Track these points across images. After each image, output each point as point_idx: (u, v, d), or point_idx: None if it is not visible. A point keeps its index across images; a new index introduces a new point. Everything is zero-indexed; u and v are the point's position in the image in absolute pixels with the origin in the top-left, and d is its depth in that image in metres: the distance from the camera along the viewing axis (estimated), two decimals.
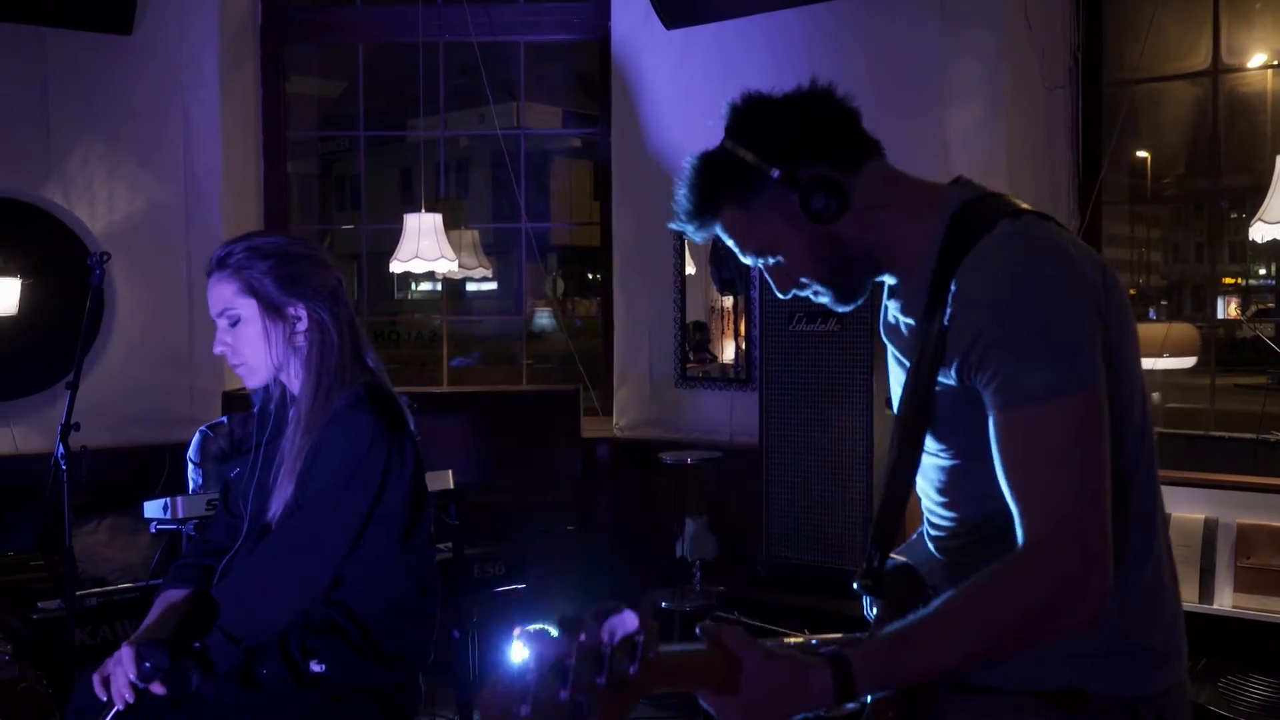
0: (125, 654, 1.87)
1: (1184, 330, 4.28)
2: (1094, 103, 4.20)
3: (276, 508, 2.01)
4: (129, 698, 1.86)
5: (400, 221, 4.67)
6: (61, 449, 2.63)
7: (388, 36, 5.44)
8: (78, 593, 2.91)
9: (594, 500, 4.85)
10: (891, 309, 1.54)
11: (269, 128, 5.23)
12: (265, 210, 5.26)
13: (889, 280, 1.51)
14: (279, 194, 5.31)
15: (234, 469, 2.19)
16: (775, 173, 1.41)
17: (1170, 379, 4.49)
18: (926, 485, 1.50)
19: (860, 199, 1.43)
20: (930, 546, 1.52)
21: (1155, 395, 4.58)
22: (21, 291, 4.43)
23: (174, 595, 2.06)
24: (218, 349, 2.07)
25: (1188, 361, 4.24)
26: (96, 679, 1.89)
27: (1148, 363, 4.26)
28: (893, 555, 1.49)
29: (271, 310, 2.04)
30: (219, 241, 4.86)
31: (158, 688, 1.87)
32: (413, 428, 2.14)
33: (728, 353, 4.76)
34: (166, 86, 4.84)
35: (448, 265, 4.76)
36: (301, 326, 2.06)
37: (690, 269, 4.83)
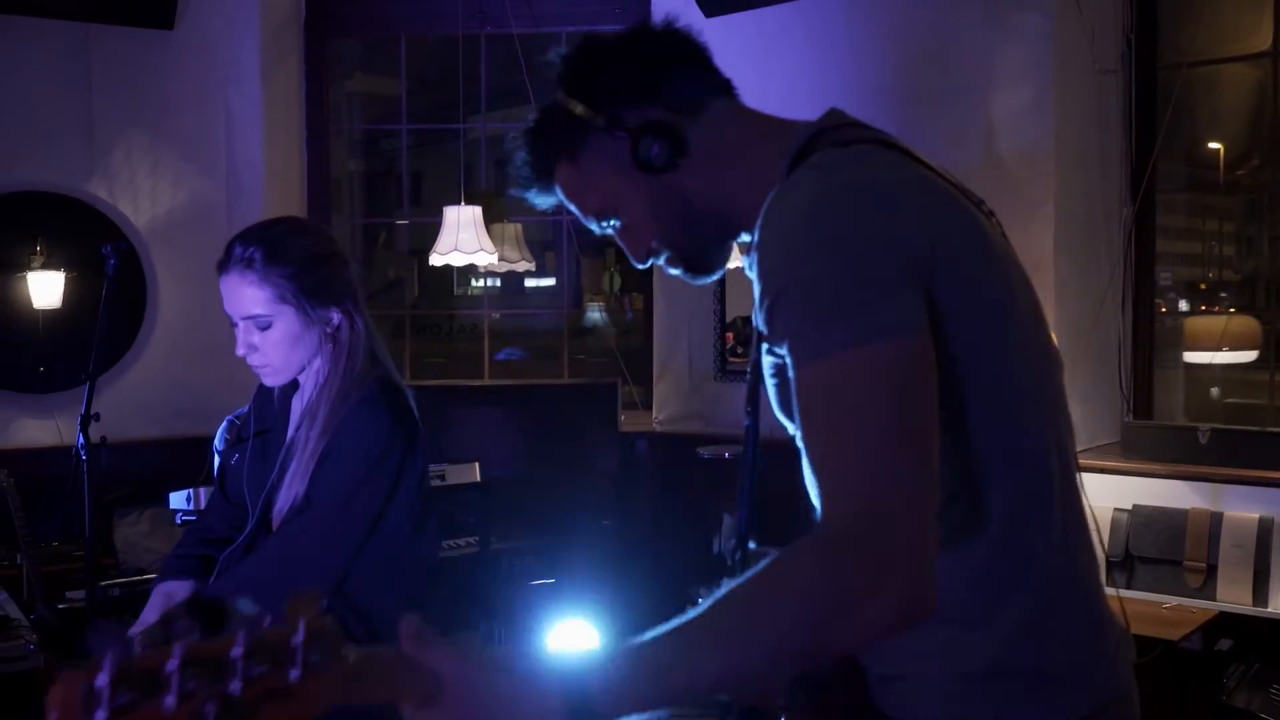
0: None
1: (1244, 323, 4.12)
2: (1148, 87, 4.06)
3: (284, 504, 1.97)
4: None
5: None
6: (81, 439, 2.62)
7: (429, 29, 5.42)
8: (103, 583, 2.91)
9: (632, 494, 4.80)
10: (748, 272, 1.29)
11: (312, 121, 5.25)
12: (308, 204, 5.27)
13: (745, 238, 1.30)
14: (322, 188, 5.33)
15: (234, 456, 2.15)
16: (600, 120, 1.26)
17: (1230, 374, 4.33)
18: (805, 471, 1.26)
19: (701, 144, 1.26)
20: None
21: (1214, 390, 4.42)
22: (65, 285, 4.48)
23: (174, 588, 2.03)
24: (241, 351, 2.01)
25: (1248, 355, 4.09)
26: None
27: (1203, 356, 4.11)
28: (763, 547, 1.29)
29: (307, 316, 1.98)
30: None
31: None
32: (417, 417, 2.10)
33: None
34: (208, 80, 4.87)
35: (487, 258, 4.73)
36: (335, 322, 2.01)
37: (734, 262, 4.75)
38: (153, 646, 0.75)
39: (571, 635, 4.23)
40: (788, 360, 1.08)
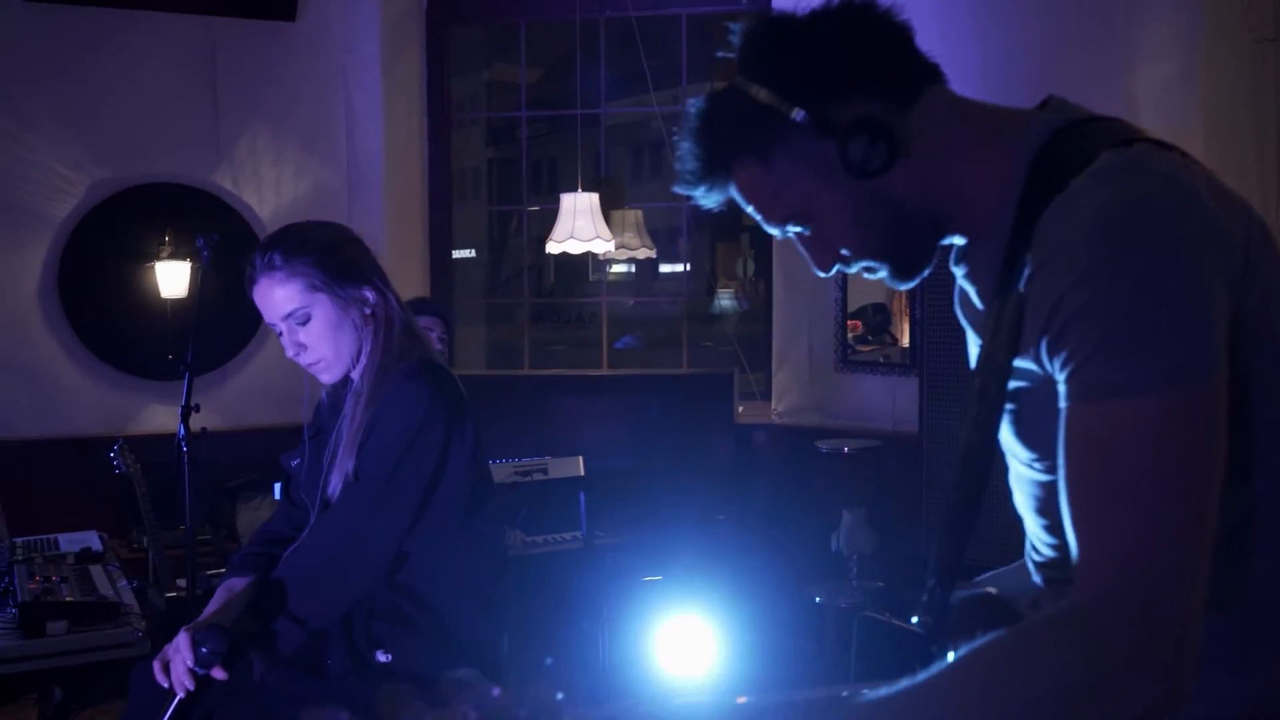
0: (182, 641, 1.83)
1: None
2: None
3: (336, 483, 1.96)
4: (189, 685, 1.82)
5: None
6: (183, 431, 2.64)
7: (548, 14, 5.37)
8: (209, 572, 2.94)
9: (749, 488, 4.67)
10: (960, 278, 1.19)
11: (433, 110, 5.26)
12: (429, 194, 5.29)
13: (957, 241, 1.17)
14: (443, 177, 5.33)
15: (294, 459, 2.14)
16: (799, 114, 1.08)
17: None
18: (1024, 501, 1.17)
19: (916, 141, 1.09)
20: (1034, 572, 1.19)
21: None
22: (191, 275, 4.57)
23: (236, 583, 2.02)
24: (290, 352, 2.03)
25: None
26: (157, 665, 1.87)
27: None
28: (973, 583, 1.19)
29: (341, 298, 1.99)
30: (381, 223, 5.00)
31: (219, 673, 1.83)
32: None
33: (909, 336, 4.48)
34: (329, 71, 4.92)
35: (604, 245, 4.66)
36: (372, 300, 2.02)
37: None
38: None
39: (682, 631, 4.13)
40: (1061, 389, 0.96)
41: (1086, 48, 3.79)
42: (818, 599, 3.96)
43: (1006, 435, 1.12)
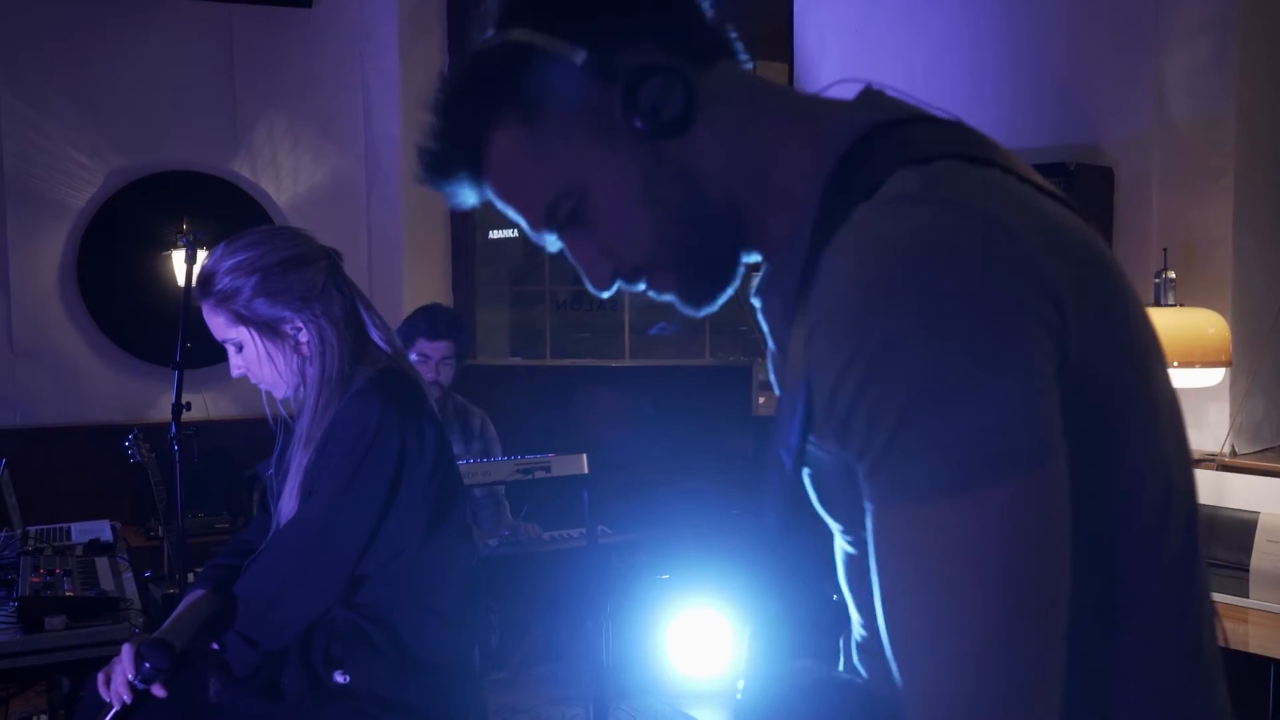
0: (125, 653, 1.81)
1: None
2: None
3: (287, 509, 1.92)
4: (126, 698, 1.79)
5: None
6: (174, 428, 2.62)
7: None
8: (198, 570, 2.92)
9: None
10: (759, 314, 0.97)
11: None
12: None
13: (754, 259, 0.95)
14: None
15: (269, 469, 2.10)
16: (580, 56, 0.88)
17: None
18: (840, 571, 1.00)
19: (715, 106, 0.89)
20: (854, 652, 1.03)
21: None
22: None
23: (199, 597, 1.99)
24: (235, 373, 2.00)
25: None
26: (100, 677, 1.84)
27: None
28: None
29: (267, 331, 1.93)
30: (400, 209, 4.97)
31: (158, 690, 1.79)
32: (434, 408, 2.00)
33: None
34: (346, 57, 4.89)
35: None
36: (303, 337, 1.95)
37: None
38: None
39: (693, 627, 4.09)
40: (863, 484, 0.78)
41: (1113, 30, 3.66)
42: (835, 597, 3.90)
43: (815, 502, 0.93)
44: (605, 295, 0.96)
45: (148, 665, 1.79)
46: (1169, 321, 3.11)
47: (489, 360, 5.51)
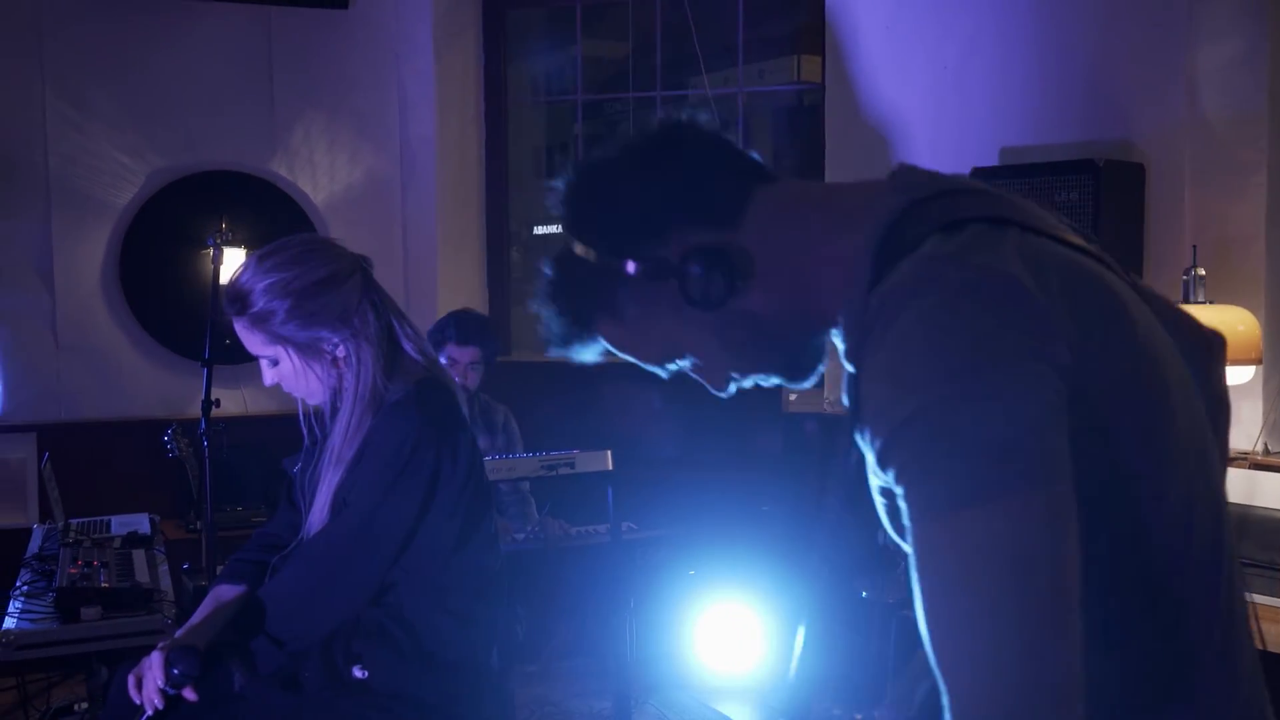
0: (155, 660, 1.85)
1: None
2: None
3: (317, 520, 1.95)
4: (158, 704, 1.84)
5: None
6: (204, 424, 2.68)
7: None
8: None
9: (797, 479, 4.61)
10: (839, 346, 1.13)
11: (490, 95, 5.26)
12: (486, 176, 5.30)
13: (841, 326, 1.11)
14: (499, 161, 5.33)
15: (297, 463, 2.14)
16: (630, 266, 1.07)
17: None
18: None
19: (757, 255, 1.06)
20: None
21: None
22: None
23: (225, 593, 2.04)
24: (268, 382, 2.04)
25: None
26: (131, 680, 1.88)
27: None
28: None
29: (304, 349, 1.97)
30: (434, 208, 5.02)
31: (190, 694, 1.84)
32: (466, 417, 2.02)
33: None
34: (382, 58, 4.95)
35: None
36: (340, 353, 1.98)
37: None
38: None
39: (720, 623, 4.11)
40: (901, 504, 0.90)
41: (1145, 25, 3.62)
42: (864, 593, 3.89)
43: (888, 529, 1.06)
44: (725, 395, 1.17)
45: (176, 671, 1.84)
46: (1198, 318, 3.08)
47: (523, 357, 5.55)
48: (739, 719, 4.02)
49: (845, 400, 1.08)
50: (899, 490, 0.89)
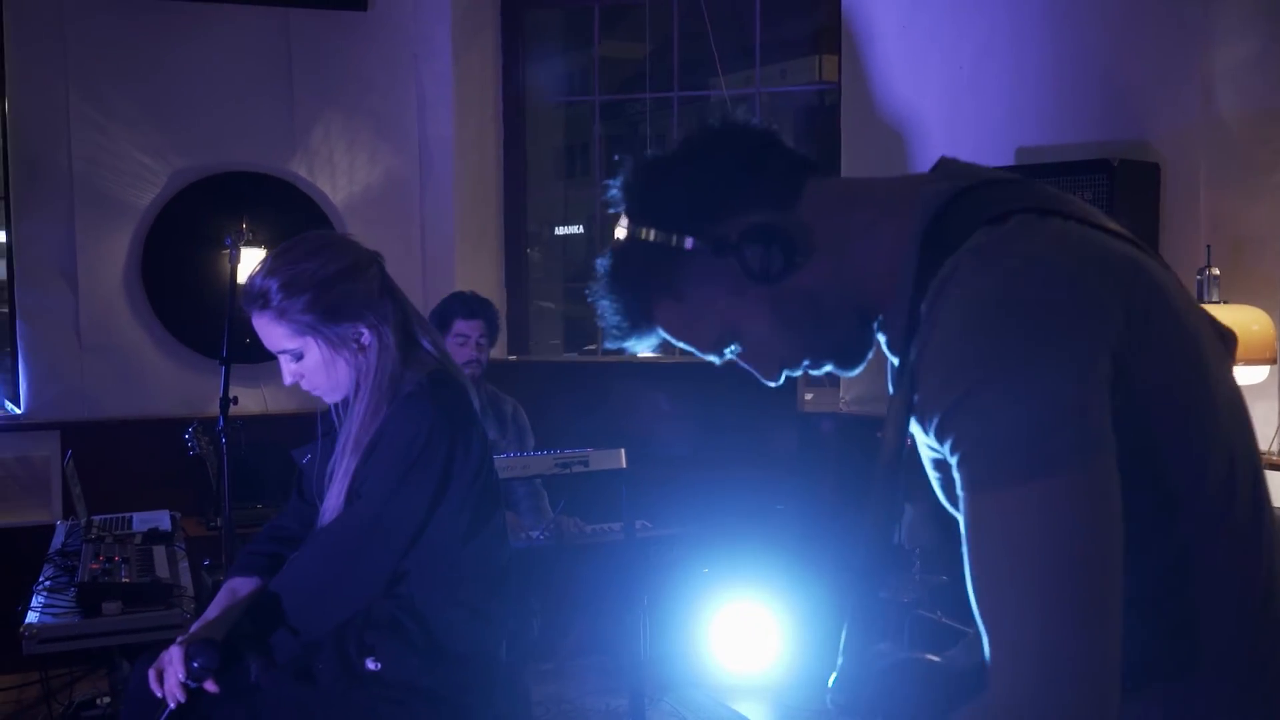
0: (175, 654, 1.88)
1: None
2: None
3: (335, 500, 1.98)
4: (180, 697, 1.87)
5: None
6: (221, 421, 2.71)
7: None
8: None
9: (812, 479, 4.62)
10: (885, 349, 1.20)
11: (509, 95, 5.29)
12: (505, 179, 5.33)
13: (881, 318, 1.18)
14: (517, 161, 5.36)
15: (305, 455, 2.17)
16: (689, 242, 1.12)
17: None
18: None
19: (813, 235, 1.12)
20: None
21: None
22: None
23: (240, 585, 2.07)
24: (288, 380, 2.05)
25: None
26: (152, 674, 1.91)
27: None
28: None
29: (331, 339, 1.99)
30: (452, 208, 5.05)
31: (211, 686, 1.87)
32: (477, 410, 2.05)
33: None
34: (400, 59, 4.99)
35: None
36: (365, 341, 2.01)
37: None
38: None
39: (738, 619, 4.12)
40: (955, 476, 0.98)
41: (1160, 24, 3.62)
42: (880, 594, 3.90)
43: (942, 499, 1.15)
44: (775, 385, 1.22)
45: (196, 665, 1.87)
46: None
47: (541, 357, 5.58)
48: (754, 717, 4.04)
49: (891, 389, 1.16)
50: (953, 460, 0.96)
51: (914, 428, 1.05)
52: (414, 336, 2.05)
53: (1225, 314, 3.09)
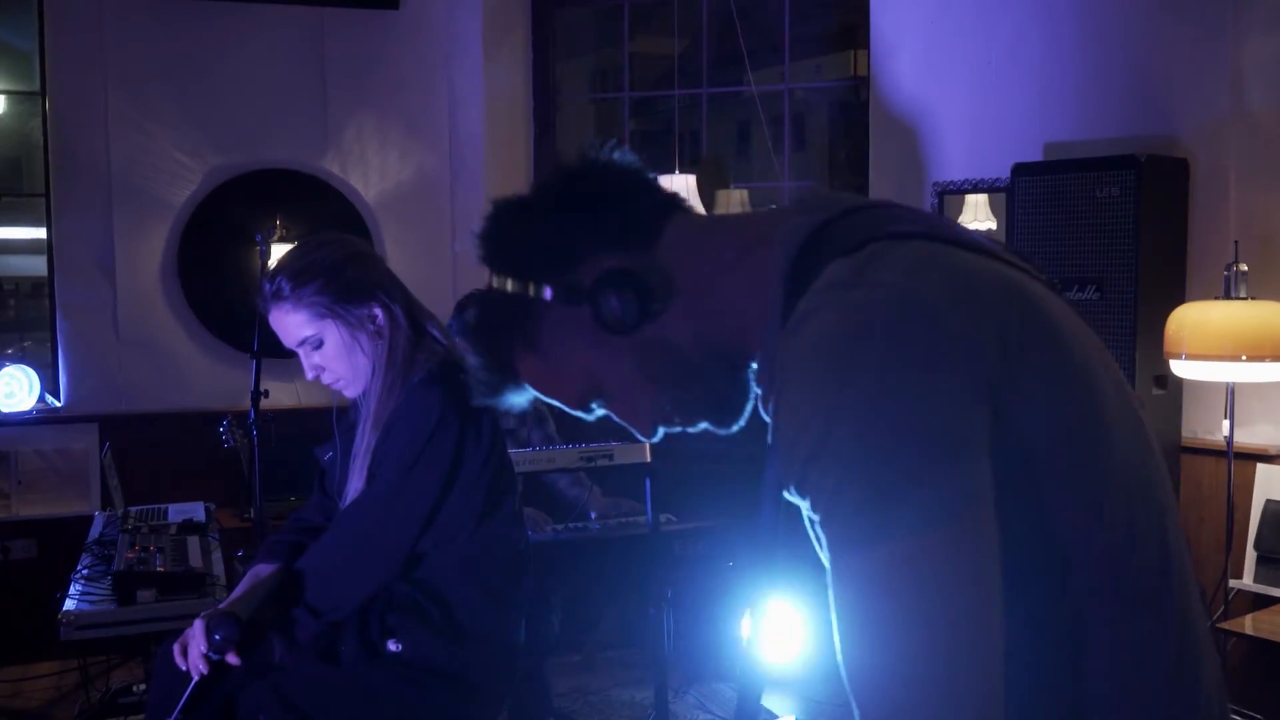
0: (197, 627, 1.94)
1: None
2: None
3: (353, 488, 2.02)
4: (203, 669, 1.93)
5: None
6: (253, 414, 2.77)
7: None
8: None
9: None
10: (757, 391, 1.09)
11: (539, 94, 5.33)
12: (535, 173, 5.37)
13: (754, 366, 1.07)
14: (548, 158, 5.40)
15: (327, 452, 2.22)
16: (546, 291, 1.05)
17: None
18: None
19: (673, 278, 1.03)
20: None
21: None
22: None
23: (262, 570, 2.12)
24: (310, 374, 2.11)
25: None
26: (176, 648, 1.97)
27: None
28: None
29: (349, 321, 2.04)
30: (481, 208, 5.09)
31: (233, 658, 1.93)
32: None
33: None
34: (432, 57, 5.04)
35: None
36: (381, 320, 2.06)
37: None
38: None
39: (761, 616, 4.13)
40: (818, 532, 0.87)
41: (1189, 19, 3.60)
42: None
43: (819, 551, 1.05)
44: (653, 440, 1.12)
45: (218, 637, 1.93)
46: (1238, 314, 3.06)
47: None
48: (779, 710, 4.05)
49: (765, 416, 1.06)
50: (815, 517, 0.86)
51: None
52: (421, 324, 2.10)
53: (1250, 310, 3.07)
